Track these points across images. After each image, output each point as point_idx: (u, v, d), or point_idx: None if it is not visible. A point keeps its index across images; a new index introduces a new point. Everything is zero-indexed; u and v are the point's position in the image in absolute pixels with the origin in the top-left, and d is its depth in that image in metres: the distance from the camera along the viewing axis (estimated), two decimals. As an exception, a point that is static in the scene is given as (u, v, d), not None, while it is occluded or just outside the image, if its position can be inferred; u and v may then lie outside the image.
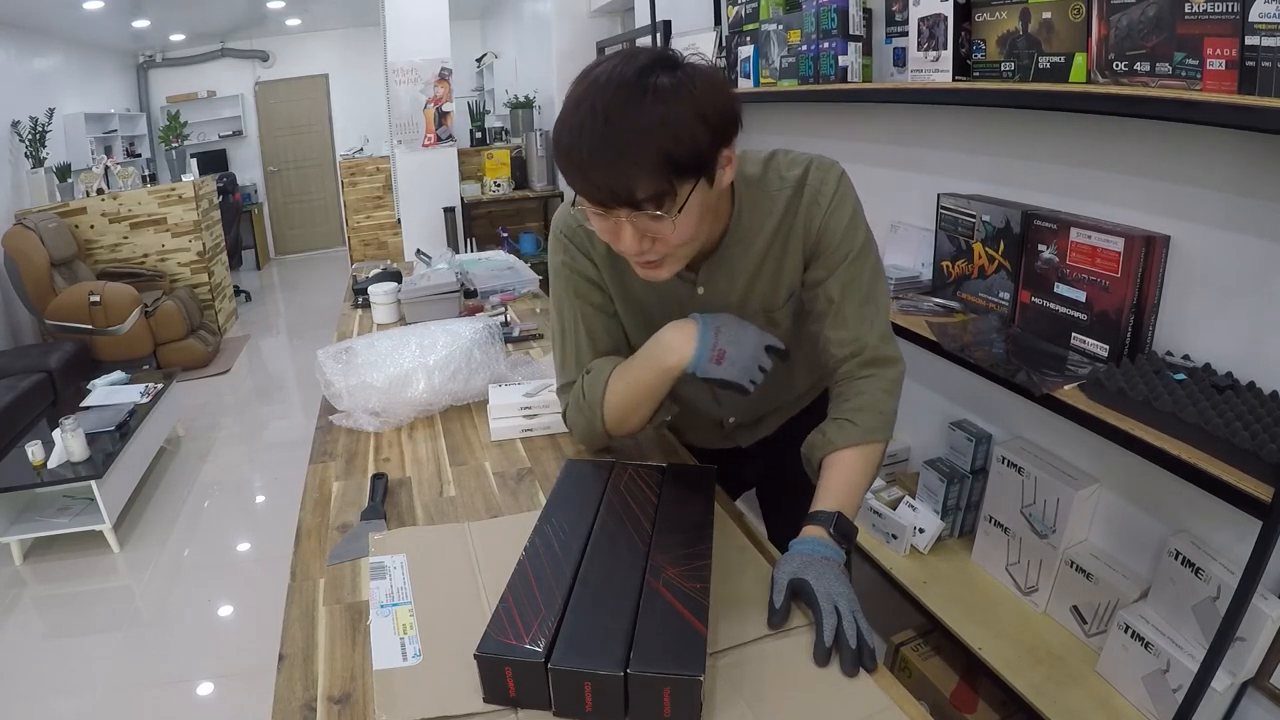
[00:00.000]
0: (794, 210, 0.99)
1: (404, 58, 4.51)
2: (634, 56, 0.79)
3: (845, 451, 0.98)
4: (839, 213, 0.98)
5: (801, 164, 1.00)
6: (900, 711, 0.74)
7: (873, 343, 1.00)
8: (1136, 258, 1.25)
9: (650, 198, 0.79)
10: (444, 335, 1.50)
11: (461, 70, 6.11)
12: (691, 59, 0.81)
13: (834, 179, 0.99)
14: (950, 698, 1.60)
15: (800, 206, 0.99)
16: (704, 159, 0.80)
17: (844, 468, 0.98)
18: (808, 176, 0.99)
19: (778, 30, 2.05)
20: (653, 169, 0.77)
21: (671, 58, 0.80)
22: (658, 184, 0.78)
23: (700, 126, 0.77)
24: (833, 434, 0.99)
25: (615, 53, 0.82)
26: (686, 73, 0.78)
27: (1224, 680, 1.18)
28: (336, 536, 1.09)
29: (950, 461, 1.77)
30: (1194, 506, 1.28)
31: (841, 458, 0.98)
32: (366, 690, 0.79)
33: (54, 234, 4.50)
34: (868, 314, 1.01)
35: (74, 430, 2.74)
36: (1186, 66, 1.08)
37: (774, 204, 0.99)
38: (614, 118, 0.75)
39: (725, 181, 0.86)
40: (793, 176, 0.99)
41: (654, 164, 0.76)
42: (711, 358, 0.95)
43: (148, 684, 2.21)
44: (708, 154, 0.80)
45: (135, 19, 6.15)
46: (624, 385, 1.03)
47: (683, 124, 0.76)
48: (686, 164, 0.78)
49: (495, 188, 5.29)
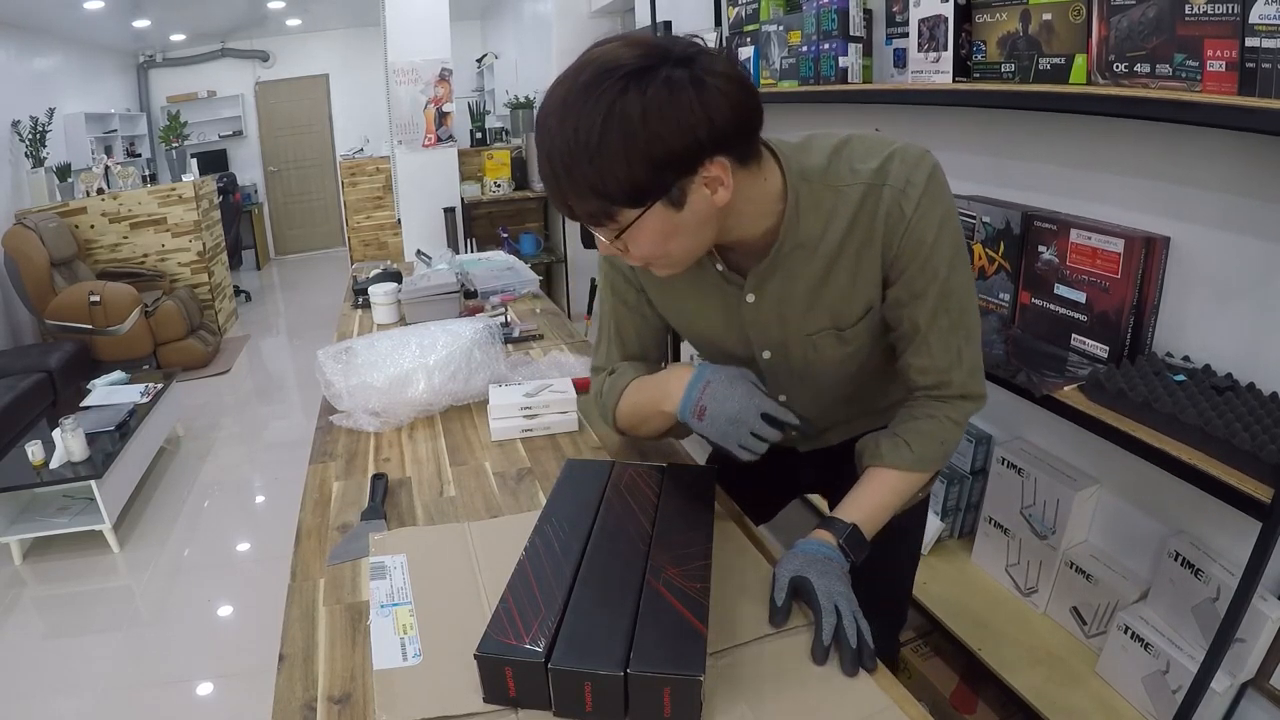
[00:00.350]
0: (870, 211, 0.84)
1: (404, 58, 4.51)
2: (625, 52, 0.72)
3: (890, 471, 0.93)
4: (927, 221, 0.83)
5: (880, 154, 0.84)
6: (900, 711, 0.74)
7: (959, 380, 0.91)
8: (1136, 259, 1.25)
9: (587, 216, 0.77)
10: (444, 335, 1.50)
11: (462, 70, 6.10)
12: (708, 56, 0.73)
13: (923, 176, 0.83)
14: (950, 698, 1.60)
15: (879, 208, 0.84)
16: (642, 191, 0.74)
17: (881, 486, 0.93)
18: (888, 171, 0.83)
19: (778, 31, 2.05)
20: (581, 194, 0.74)
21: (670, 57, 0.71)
22: (590, 207, 0.76)
23: (631, 163, 0.71)
24: (886, 450, 0.93)
25: (625, 37, 0.75)
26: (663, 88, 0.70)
27: (1223, 681, 1.18)
28: (336, 536, 1.09)
29: (950, 462, 1.77)
30: (1194, 508, 1.28)
31: (884, 475, 0.93)
32: (366, 690, 0.79)
33: (54, 234, 4.49)
34: (956, 344, 0.89)
35: (74, 430, 2.74)
36: (1187, 68, 1.08)
37: (843, 202, 0.85)
38: (555, 137, 0.73)
39: (719, 202, 0.77)
40: (867, 170, 0.84)
41: (582, 190, 0.74)
42: (694, 412, 0.90)
43: (148, 684, 2.21)
44: (648, 186, 0.73)
45: (135, 19, 6.15)
46: (634, 402, 1.03)
47: (607, 156, 0.71)
48: (617, 196, 0.74)
49: (495, 188, 5.29)
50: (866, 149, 0.86)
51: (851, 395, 1.03)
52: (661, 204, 0.75)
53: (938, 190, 0.84)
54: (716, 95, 0.71)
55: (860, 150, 0.86)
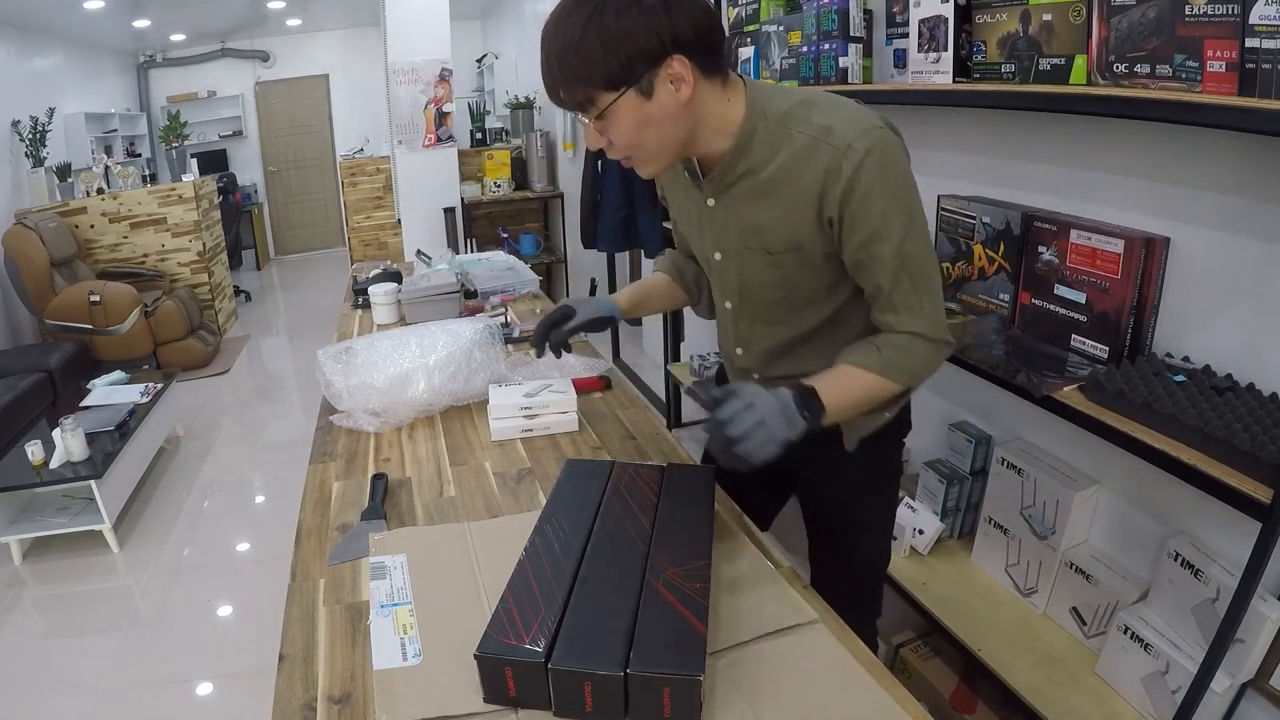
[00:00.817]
0: (809, 160, 0.93)
1: (404, 58, 4.51)
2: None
3: (855, 369, 0.98)
4: (875, 191, 0.91)
5: (835, 115, 0.93)
6: (901, 711, 0.74)
7: (928, 330, 0.99)
8: (1136, 259, 1.25)
9: (573, 103, 0.93)
10: (444, 335, 1.50)
11: (462, 71, 6.11)
12: None
13: (865, 144, 0.90)
14: (950, 699, 1.60)
15: (816, 161, 0.92)
16: (616, 78, 0.89)
17: (846, 376, 0.98)
18: (834, 130, 0.92)
19: (778, 31, 2.05)
20: (567, 80, 0.91)
21: None
22: (573, 93, 0.92)
23: (606, 53, 0.87)
24: (857, 352, 0.99)
25: None
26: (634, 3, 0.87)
27: (1223, 681, 1.18)
28: (336, 536, 1.09)
29: (950, 463, 1.77)
30: (1193, 508, 1.28)
31: (849, 370, 0.98)
32: (366, 690, 0.79)
33: (54, 234, 4.49)
34: (919, 301, 0.98)
35: (74, 430, 2.74)
36: (1187, 68, 1.08)
37: (788, 144, 0.95)
38: (549, 32, 0.90)
39: (682, 98, 0.91)
40: (819, 125, 0.93)
41: (570, 79, 0.90)
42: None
43: (148, 684, 2.21)
44: (620, 74, 0.88)
45: (135, 19, 6.14)
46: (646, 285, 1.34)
47: (586, 47, 0.87)
48: (596, 80, 0.89)
49: (495, 188, 5.29)
50: (829, 107, 0.96)
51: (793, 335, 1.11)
52: (633, 92, 0.90)
53: (883, 162, 0.91)
54: (680, 11, 0.89)
55: (823, 107, 0.96)
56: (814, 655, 0.81)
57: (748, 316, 1.14)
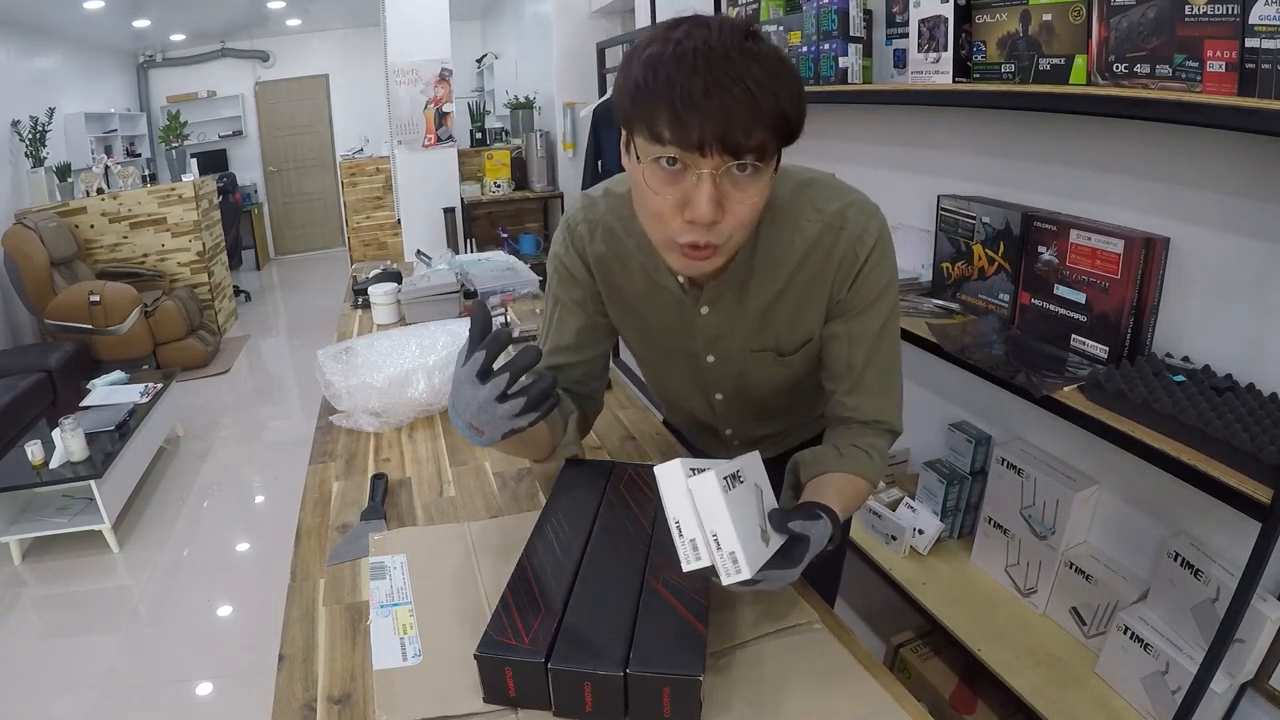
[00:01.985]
0: (825, 250, 0.90)
1: (404, 58, 4.51)
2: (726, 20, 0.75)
3: (851, 477, 0.92)
4: (880, 270, 0.90)
5: (840, 199, 0.91)
6: (900, 711, 0.74)
7: (890, 418, 0.97)
8: (1136, 259, 1.25)
9: (755, 147, 0.73)
10: (444, 335, 1.50)
11: (462, 71, 6.11)
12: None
13: (877, 228, 0.90)
14: (949, 699, 1.60)
15: (835, 250, 0.90)
16: (799, 129, 0.76)
17: (845, 487, 0.91)
18: (847, 217, 0.89)
19: (778, 31, 2.05)
20: (767, 118, 0.72)
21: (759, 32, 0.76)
22: (765, 135, 0.73)
23: (801, 95, 0.75)
24: (850, 459, 0.93)
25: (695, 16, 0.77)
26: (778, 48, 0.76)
27: (1223, 682, 1.18)
28: (336, 536, 1.09)
29: (950, 463, 1.77)
30: (1193, 508, 1.28)
31: (846, 479, 0.92)
32: (366, 690, 0.79)
33: (54, 234, 4.50)
34: (889, 386, 0.96)
35: (74, 430, 2.74)
36: (1186, 68, 1.08)
37: (800, 236, 0.90)
38: (736, 58, 0.71)
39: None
40: (829, 211, 0.90)
41: (771, 112, 0.72)
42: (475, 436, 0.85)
43: (147, 684, 2.21)
44: (798, 129, 0.76)
45: (135, 19, 6.15)
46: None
47: (794, 84, 0.74)
48: (791, 126, 0.75)
49: (495, 188, 5.29)
50: (829, 192, 0.92)
51: (786, 407, 1.07)
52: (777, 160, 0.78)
53: (888, 243, 0.92)
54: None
55: (823, 193, 0.91)
56: (814, 655, 0.81)
57: (738, 406, 1.09)
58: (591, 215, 1.00)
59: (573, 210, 1.04)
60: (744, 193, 0.77)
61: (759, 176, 0.76)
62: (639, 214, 0.86)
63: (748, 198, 0.77)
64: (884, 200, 2.04)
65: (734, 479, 0.72)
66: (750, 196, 0.77)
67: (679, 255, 0.82)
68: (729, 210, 0.77)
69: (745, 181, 0.76)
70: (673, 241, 0.81)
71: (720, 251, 0.82)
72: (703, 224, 0.77)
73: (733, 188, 0.76)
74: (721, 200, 0.76)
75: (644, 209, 0.82)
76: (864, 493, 0.95)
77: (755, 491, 0.75)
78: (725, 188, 0.76)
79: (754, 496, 0.75)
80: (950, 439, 1.77)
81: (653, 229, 0.83)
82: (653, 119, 0.73)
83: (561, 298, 1.05)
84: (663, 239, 0.82)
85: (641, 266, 0.97)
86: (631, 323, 1.05)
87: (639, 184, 0.80)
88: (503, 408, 0.80)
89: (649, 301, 1.00)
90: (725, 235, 0.79)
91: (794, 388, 1.04)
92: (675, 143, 0.73)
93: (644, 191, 0.79)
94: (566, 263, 1.03)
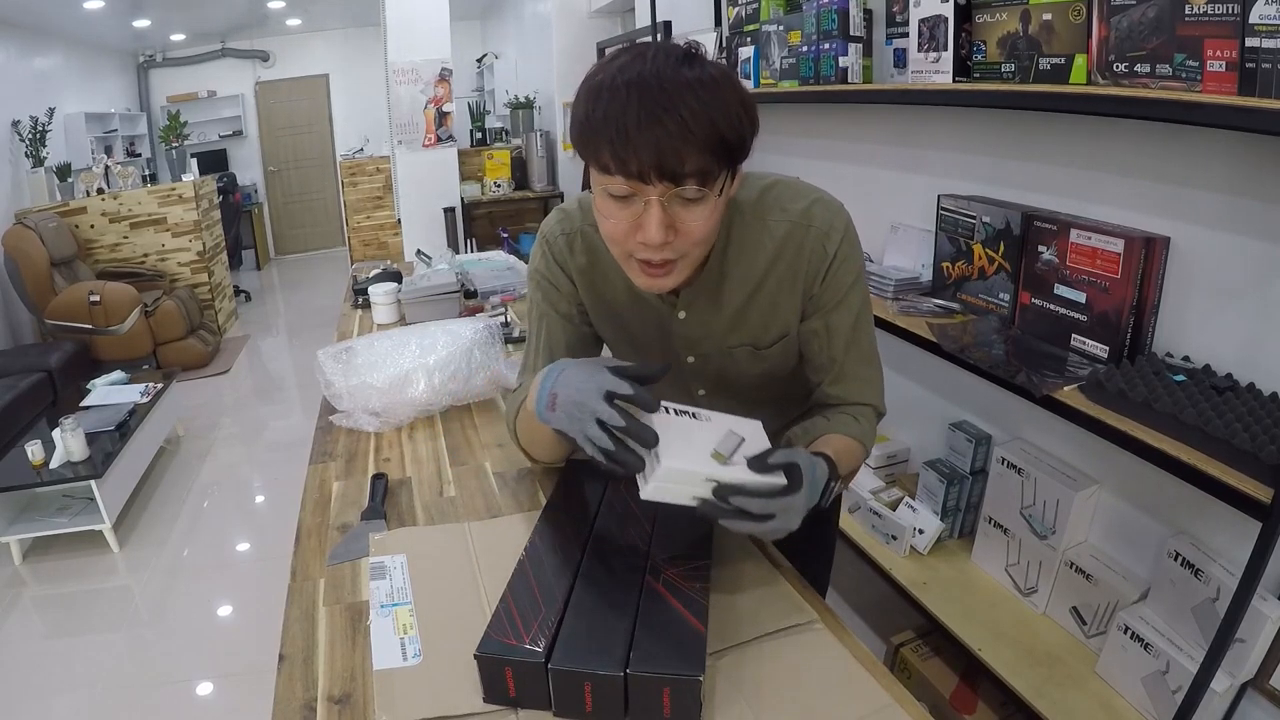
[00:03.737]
0: (794, 248, 0.93)
1: (404, 58, 4.51)
2: (664, 47, 0.77)
3: (843, 436, 0.95)
4: (849, 264, 0.93)
5: (806, 198, 0.94)
6: (900, 711, 0.74)
7: (875, 401, 1.01)
8: (1136, 259, 1.25)
9: (695, 173, 0.76)
10: (444, 335, 1.50)
11: (462, 71, 6.11)
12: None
13: (842, 224, 0.93)
14: (950, 699, 1.60)
15: (804, 246, 0.92)
16: (743, 148, 0.79)
17: (839, 444, 0.94)
18: (812, 215, 0.92)
19: (778, 31, 2.05)
20: (702, 143, 0.74)
21: (699, 54, 0.78)
22: (704, 161, 0.75)
23: (744, 114, 0.77)
24: (838, 422, 0.98)
25: (635, 45, 0.80)
26: (719, 66, 0.78)
27: (1223, 681, 1.18)
28: (336, 536, 1.09)
29: (950, 462, 1.77)
30: (1194, 508, 1.28)
31: (838, 438, 0.95)
32: (366, 690, 0.79)
33: (54, 234, 4.50)
34: (869, 372, 1.00)
35: (74, 430, 2.74)
36: (1187, 68, 1.08)
37: (769, 237, 0.93)
38: (669, 87, 0.73)
39: (731, 192, 0.84)
40: (795, 210, 0.93)
41: (705, 138, 0.74)
42: (547, 403, 0.82)
43: (148, 684, 2.21)
44: (746, 144, 0.79)
45: (135, 19, 6.14)
46: (525, 415, 1.00)
47: (732, 105, 0.76)
48: (732, 147, 0.77)
49: (495, 188, 5.29)
50: (793, 192, 0.95)
51: (766, 401, 1.08)
52: (728, 177, 0.80)
53: (854, 238, 0.95)
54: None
55: (786, 193, 0.94)
56: (814, 655, 0.81)
57: (721, 401, 1.07)
58: (568, 228, 1.01)
59: (548, 224, 1.04)
60: (692, 214, 0.79)
61: (706, 198, 0.79)
62: (601, 233, 0.89)
63: (697, 218, 0.80)
64: (884, 200, 2.05)
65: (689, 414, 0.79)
66: (699, 217, 0.80)
67: (638, 273, 0.86)
68: (681, 230, 0.80)
69: (693, 204, 0.79)
70: (631, 258, 0.85)
71: (678, 267, 0.85)
72: (653, 246, 0.80)
73: (681, 209, 0.79)
74: (672, 222, 0.79)
75: (603, 230, 0.86)
76: (856, 452, 0.98)
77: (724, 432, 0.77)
78: (674, 210, 0.79)
79: (715, 433, 0.77)
80: (950, 439, 1.77)
81: (612, 247, 0.88)
82: (597, 152, 0.77)
83: (547, 312, 1.05)
84: (622, 256, 0.87)
85: (620, 275, 0.97)
86: (614, 330, 1.08)
87: (597, 208, 0.84)
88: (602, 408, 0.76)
89: (630, 309, 1.02)
90: (680, 251, 0.82)
91: (771, 382, 1.07)
92: (619, 172, 0.76)
93: (600, 214, 0.84)
94: (549, 276, 1.04)
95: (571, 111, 0.81)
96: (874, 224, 1.90)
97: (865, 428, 0.99)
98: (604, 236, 0.87)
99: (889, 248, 1.91)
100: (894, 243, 1.90)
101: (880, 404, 1.03)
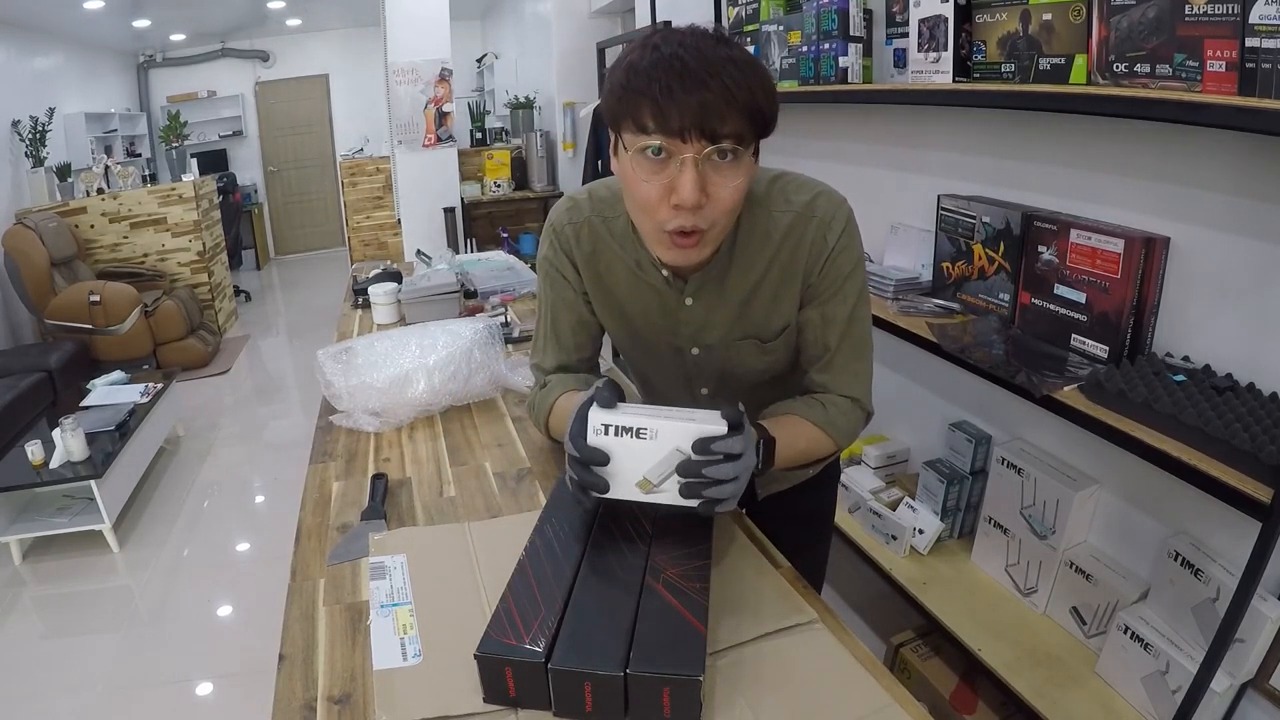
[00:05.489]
0: (796, 238, 0.95)
1: (404, 58, 4.51)
2: (697, 29, 0.81)
3: (802, 420, 0.97)
4: (847, 254, 0.95)
5: (810, 191, 0.96)
6: (900, 711, 0.74)
7: (862, 397, 1.02)
8: (1136, 259, 1.25)
9: (732, 134, 0.79)
10: (444, 335, 1.50)
11: (462, 70, 6.11)
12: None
13: (844, 216, 0.95)
14: (950, 699, 1.60)
15: (805, 237, 0.94)
16: (773, 121, 0.82)
17: (795, 426, 0.96)
18: (815, 206, 0.94)
19: (778, 31, 2.05)
20: (742, 108, 0.78)
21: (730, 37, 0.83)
22: (741, 125, 0.79)
23: (773, 92, 0.81)
24: (801, 405, 0.99)
25: (668, 28, 0.84)
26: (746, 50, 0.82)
27: (1223, 681, 1.18)
28: (336, 536, 1.09)
29: (950, 462, 1.77)
30: (1193, 508, 1.28)
31: (797, 421, 0.97)
32: (366, 690, 0.79)
33: (54, 233, 4.50)
34: (859, 366, 1.01)
35: (74, 430, 2.74)
36: (1187, 68, 1.08)
37: (774, 227, 0.95)
38: (709, 59, 0.77)
39: (754, 171, 0.87)
40: (799, 202, 0.95)
41: (745, 104, 0.78)
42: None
43: (147, 684, 2.21)
44: (773, 120, 0.82)
45: (135, 19, 6.14)
46: (562, 418, 1.04)
47: (765, 81, 0.80)
48: (766, 118, 0.81)
49: (495, 188, 5.29)
50: (799, 184, 0.97)
51: (770, 400, 1.08)
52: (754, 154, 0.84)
53: (855, 230, 0.96)
54: None
55: (792, 184, 0.97)
56: (814, 655, 0.81)
57: (725, 395, 1.11)
58: (575, 217, 1.03)
59: (556, 213, 1.06)
60: (725, 177, 0.82)
61: (738, 162, 0.82)
62: (629, 208, 0.91)
63: (729, 182, 0.82)
64: (884, 200, 2.05)
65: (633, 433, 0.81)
66: (731, 180, 0.82)
67: (668, 245, 0.87)
68: (712, 195, 0.82)
69: (726, 167, 0.82)
70: (661, 231, 0.85)
71: (706, 239, 0.86)
72: (687, 207, 0.81)
73: (714, 173, 0.81)
74: (705, 185, 0.81)
75: (633, 201, 0.87)
76: (815, 439, 0.98)
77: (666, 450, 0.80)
78: (707, 173, 0.81)
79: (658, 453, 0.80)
80: (950, 439, 1.77)
81: (642, 220, 0.88)
82: (638, 112, 0.79)
83: (554, 300, 1.09)
84: (652, 229, 0.87)
85: (625, 264, 1.01)
86: (617, 320, 1.08)
87: (628, 176, 0.85)
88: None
89: (634, 298, 1.03)
90: (710, 221, 0.84)
91: (776, 380, 1.07)
92: (659, 131, 0.79)
93: (632, 182, 0.84)
94: (556, 264, 1.06)
95: (606, 86, 0.84)
96: (874, 224, 1.90)
97: (833, 416, 0.99)
98: (634, 209, 0.89)
99: (889, 248, 1.91)
100: (894, 243, 1.90)
101: (865, 400, 1.02)
